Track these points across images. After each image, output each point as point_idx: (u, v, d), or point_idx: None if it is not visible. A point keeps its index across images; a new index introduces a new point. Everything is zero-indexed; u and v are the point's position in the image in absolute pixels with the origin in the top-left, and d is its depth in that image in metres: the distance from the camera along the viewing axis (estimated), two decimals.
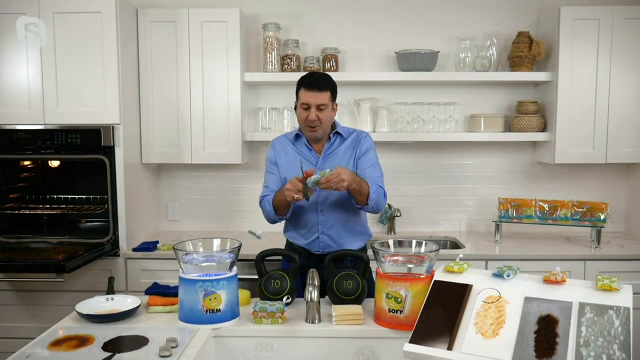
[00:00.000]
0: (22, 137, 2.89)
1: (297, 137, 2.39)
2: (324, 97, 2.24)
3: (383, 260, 1.86)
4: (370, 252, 2.21)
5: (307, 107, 2.25)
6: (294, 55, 3.22)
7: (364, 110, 3.30)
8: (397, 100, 3.35)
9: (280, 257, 2.20)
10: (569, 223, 3.11)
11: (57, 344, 1.67)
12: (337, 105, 2.36)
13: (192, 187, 3.51)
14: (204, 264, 1.87)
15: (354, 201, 2.26)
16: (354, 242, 2.37)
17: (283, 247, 2.50)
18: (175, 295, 1.95)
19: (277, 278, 2.05)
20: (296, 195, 2.11)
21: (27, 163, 3.23)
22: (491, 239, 3.25)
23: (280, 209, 2.29)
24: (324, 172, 2.08)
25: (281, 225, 2.50)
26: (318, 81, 2.26)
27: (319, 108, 2.24)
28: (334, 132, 2.36)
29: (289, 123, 3.32)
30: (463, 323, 1.61)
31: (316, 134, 2.30)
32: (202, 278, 1.80)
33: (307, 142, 2.37)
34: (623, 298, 1.57)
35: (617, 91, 3.09)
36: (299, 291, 2.09)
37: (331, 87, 2.28)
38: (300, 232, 2.39)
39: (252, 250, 2.43)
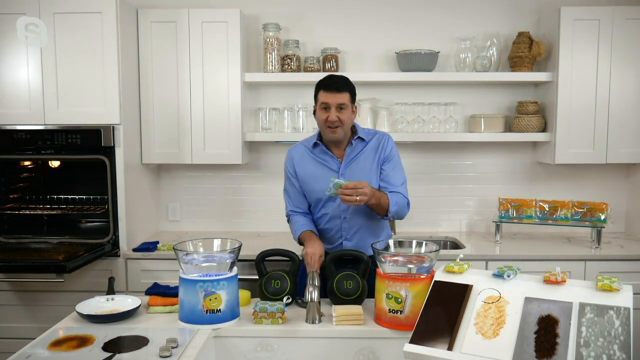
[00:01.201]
0: (22, 137, 2.89)
1: (315, 145, 2.34)
2: (343, 97, 2.22)
3: (383, 260, 1.86)
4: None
5: (327, 107, 2.22)
6: (294, 55, 3.22)
7: (364, 110, 3.30)
8: (397, 100, 3.35)
9: (286, 258, 2.18)
10: (569, 223, 3.11)
11: (57, 344, 1.67)
12: (356, 108, 2.33)
13: (192, 187, 3.51)
14: (204, 264, 1.87)
15: (374, 212, 2.26)
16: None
17: (284, 247, 2.48)
18: (175, 295, 1.95)
19: (277, 278, 2.05)
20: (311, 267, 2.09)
21: (27, 163, 3.23)
22: (491, 239, 3.25)
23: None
24: (348, 183, 2.08)
25: (283, 225, 2.49)
26: (337, 82, 2.24)
27: (339, 108, 2.21)
28: (355, 137, 2.33)
29: (289, 123, 3.32)
30: (463, 323, 1.61)
31: (336, 135, 2.26)
32: (202, 278, 1.80)
33: (327, 149, 2.33)
34: (623, 298, 1.57)
35: (617, 91, 3.09)
36: (298, 292, 2.09)
37: (350, 89, 2.26)
38: (324, 238, 2.37)
39: (252, 250, 2.43)
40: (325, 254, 2.19)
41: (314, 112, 2.31)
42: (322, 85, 2.25)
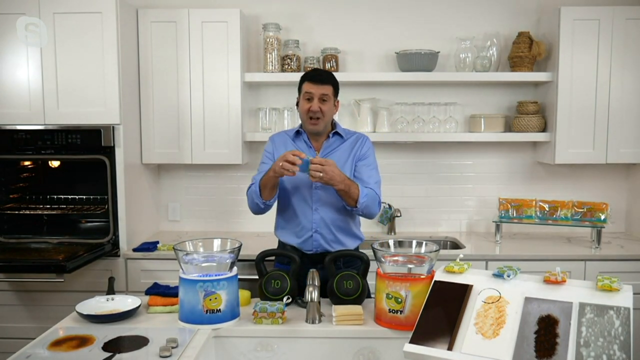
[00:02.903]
0: (22, 137, 2.89)
1: (297, 133, 2.40)
2: (326, 89, 2.28)
3: (383, 260, 1.86)
4: (369, 252, 2.20)
5: (310, 98, 2.27)
6: (294, 55, 3.22)
7: (364, 110, 3.30)
8: (397, 100, 3.35)
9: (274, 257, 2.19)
10: (569, 223, 3.11)
11: (57, 344, 1.67)
12: (338, 102, 2.39)
13: (192, 187, 3.51)
14: (204, 264, 1.86)
15: (343, 202, 2.26)
16: (347, 243, 2.36)
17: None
18: (175, 295, 1.95)
19: (277, 278, 2.05)
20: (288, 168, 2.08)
21: (27, 163, 3.23)
22: (491, 239, 3.25)
23: (266, 189, 2.23)
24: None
25: None
26: (321, 75, 2.31)
27: (322, 99, 2.27)
28: (333, 131, 2.38)
29: (289, 123, 3.32)
30: (463, 323, 1.61)
31: (317, 127, 2.31)
32: (202, 278, 1.80)
33: (307, 139, 2.37)
34: (623, 298, 1.57)
35: (617, 91, 3.09)
36: (297, 292, 2.09)
37: (333, 82, 2.32)
38: (294, 230, 2.36)
39: (252, 250, 2.43)
40: (324, 255, 2.19)
41: (297, 104, 2.36)
42: (307, 77, 2.32)
